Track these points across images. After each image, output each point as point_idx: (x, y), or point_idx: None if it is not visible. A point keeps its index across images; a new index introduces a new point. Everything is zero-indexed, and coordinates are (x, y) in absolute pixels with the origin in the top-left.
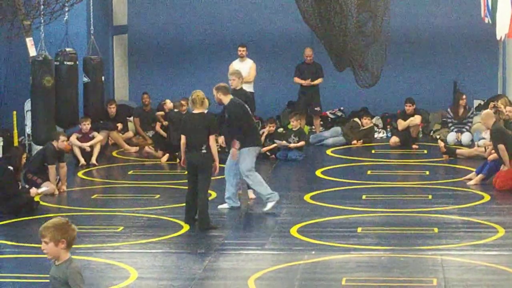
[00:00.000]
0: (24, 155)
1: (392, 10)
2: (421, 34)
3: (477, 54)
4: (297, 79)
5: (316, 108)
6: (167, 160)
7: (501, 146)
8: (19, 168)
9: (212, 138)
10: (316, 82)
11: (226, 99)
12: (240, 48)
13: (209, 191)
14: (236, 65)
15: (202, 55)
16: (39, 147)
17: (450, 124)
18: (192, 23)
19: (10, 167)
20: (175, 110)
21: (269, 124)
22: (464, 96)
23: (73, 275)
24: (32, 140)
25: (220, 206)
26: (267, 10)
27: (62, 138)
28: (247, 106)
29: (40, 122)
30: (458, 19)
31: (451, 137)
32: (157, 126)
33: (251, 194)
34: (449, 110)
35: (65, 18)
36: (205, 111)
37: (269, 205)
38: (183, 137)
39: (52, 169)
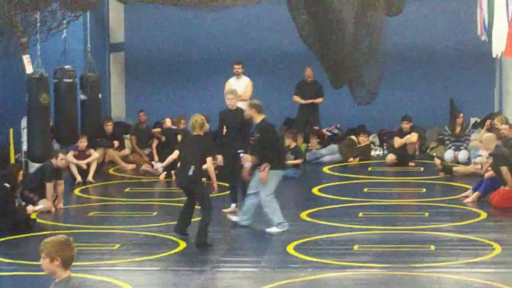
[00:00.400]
0: (21, 172)
1: (389, 28)
2: (417, 52)
3: (474, 71)
4: (296, 98)
5: (314, 127)
6: (165, 178)
7: (504, 169)
8: (15, 186)
9: (208, 160)
10: (317, 101)
11: (259, 118)
12: (235, 66)
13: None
14: (232, 82)
15: (199, 73)
16: (36, 165)
17: (447, 142)
18: (189, 40)
19: (7, 184)
20: (172, 127)
21: None
22: (461, 114)
23: None
24: (28, 158)
25: (267, 230)
26: (264, 28)
27: (61, 156)
28: (276, 130)
29: (36, 139)
30: (454, 36)
31: (449, 155)
32: (154, 145)
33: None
34: (446, 128)
35: (63, 36)
36: (202, 134)
37: (274, 230)
38: (176, 152)
39: (50, 186)
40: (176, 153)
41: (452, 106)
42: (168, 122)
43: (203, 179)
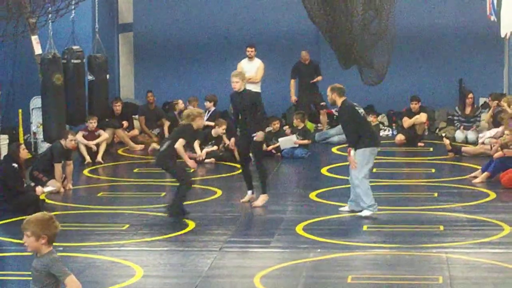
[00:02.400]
0: (22, 148)
1: (398, 8)
2: (426, 32)
3: (483, 51)
4: (292, 85)
5: (322, 104)
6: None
7: None
8: (21, 165)
9: (179, 141)
10: (317, 79)
11: (340, 101)
12: (248, 49)
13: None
14: (244, 65)
15: (208, 54)
16: (46, 145)
17: (457, 123)
18: (198, 21)
19: (15, 165)
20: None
21: (273, 122)
22: (470, 95)
23: (55, 263)
24: (43, 138)
25: (341, 209)
26: (274, 9)
27: (70, 137)
28: (358, 109)
29: (50, 120)
30: (463, 17)
31: (459, 134)
32: (165, 126)
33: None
34: (456, 108)
35: (71, 16)
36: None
37: (367, 213)
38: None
39: (58, 167)
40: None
41: (461, 86)
42: (180, 104)
43: (211, 159)
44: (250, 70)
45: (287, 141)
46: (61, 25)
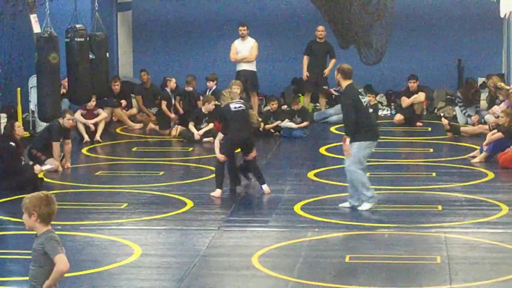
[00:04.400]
0: (17, 125)
1: None
2: (425, 12)
3: (482, 31)
4: (304, 62)
5: (324, 87)
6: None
7: None
8: (19, 143)
9: None
10: (329, 68)
11: (345, 83)
12: (240, 28)
13: None
14: (237, 44)
15: (206, 33)
16: (44, 124)
17: (462, 108)
18: (196, 0)
19: (12, 143)
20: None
21: (271, 102)
22: (476, 84)
23: (49, 242)
24: (38, 117)
25: (341, 205)
26: None
27: (68, 116)
28: (362, 97)
29: (45, 99)
30: None
31: (461, 117)
32: (163, 105)
33: (266, 189)
34: (458, 93)
35: None
36: None
37: (366, 206)
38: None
39: (56, 146)
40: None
41: (460, 66)
42: (173, 82)
43: (210, 138)
44: (244, 49)
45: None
46: (60, 3)
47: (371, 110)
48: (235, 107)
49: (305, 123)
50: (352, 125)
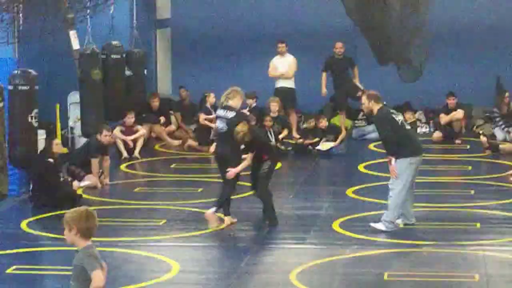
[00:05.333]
0: (55, 143)
1: (435, 4)
2: (464, 28)
3: None
4: (323, 78)
5: (358, 95)
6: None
7: None
8: (56, 160)
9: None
10: (357, 76)
11: (376, 108)
12: (279, 45)
13: None
14: (276, 61)
15: (244, 49)
16: (83, 140)
17: (498, 120)
18: (235, 17)
19: (50, 160)
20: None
21: (309, 120)
22: (507, 94)
23: (87, 257)
24: (81, 133)
25: (372, 224)
26: (310, 4)
27: (105, 132)
28: (395, 116)
29: (89, 115)
30: (502, 13)
31: (499, 133)
32: (201, 118)
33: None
34: (494, 108)
35: (111, 11)
36: None
37: (380, 226)
38: None
39: (95, 162)
40: None
41: (499, 83)
42: (212, 97)
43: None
44: (283, 65)
45: (325, 146)
46: (99, 20)
47: (408, 127)
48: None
49: (341, 136)
50: (393, 144)
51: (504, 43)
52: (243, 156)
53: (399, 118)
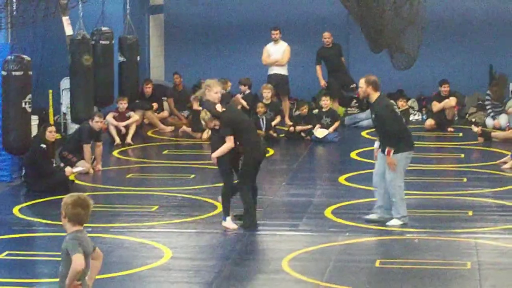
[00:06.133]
0: (49, 130)
1: None
2: (457, 17)
3: None
4: (318, 71)
5: (352, 86)
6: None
7: None
8: (49, 145)
9: None
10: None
11: (375, 95)
12: (273, 32)
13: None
14: (270, 48)
15: (238, 36)
16: (75, 126)
17: (488, 107)
18: (229, 3)
19: (43, 145)
20: None
21: (302, 107)
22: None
23: (70, 241)
24: (70, 119)
25: (367, 216)
26: None
27: (97, 118)
28: (395, 106)
29: (79, 101)
30: (495, 2)
31: (490, 121)
32: (195, 105)
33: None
34: (489, 92)
35: None
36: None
37: (396, 222)
38: None
39: (87, 148)
40: None
41: (491, 72)
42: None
43: None
44: (276, 53)
45: (321, 133)
46: (92, 6)
47: (403, 120)
48: None
49: (336, 124)
50: (395, 135)
51: (497, 31)
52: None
53: (398, 110)
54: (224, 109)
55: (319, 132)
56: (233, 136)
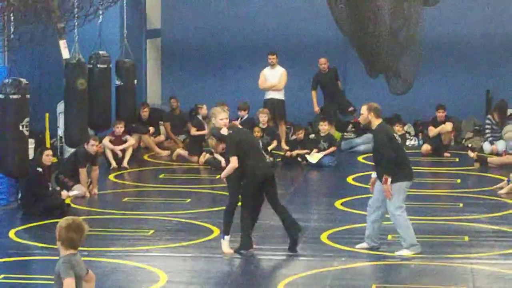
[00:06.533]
0: (45, 154)
1: (426, 17)
2: (454, 42)
3: (511, 62)
4: (313, 96)
5: (350, 109)
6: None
7: None
8: (45, 169)
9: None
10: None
11: (376, 122)
12: (270, 56)
13: None
14: (266, 72)
15: (234, 61)
16: (71, 150)
17: (488, 131)
18: (226, 28)
19: (39, 169)
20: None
21: (298, 131)
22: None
23: (62, 265)
24: (64, 143)
25: (358, 246)
26: (300, 16)
27: (92, 142)
28: (395, 134)
29: (73, 124)
30: (492, 27)
31: (487, 146)
32: (193, 130)
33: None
34: (490, 116)
35: (99, 21)
36: None
37: (405, 252)
38: None
39: (83, 172)
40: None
41: (488, 97)
42: (204, 109)
43: None
44: (273, 77)
45: (315, 157)
46: (89, 30)
47: (403, 149)
48: None
49: (332, 148)
50: (392, 163)
51: (494, 57)
52: None
53: (398, 137)
54: (231, 131)
55: (314, 157)
56: (239, 156)
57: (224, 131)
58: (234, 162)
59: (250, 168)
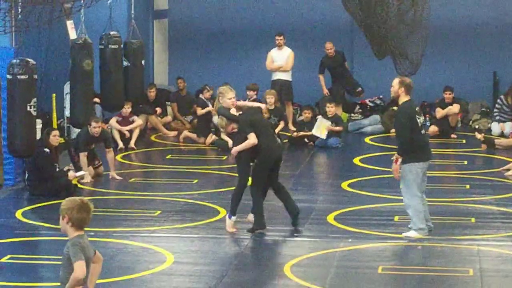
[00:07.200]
0: (52, 134)
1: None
2: (462, 24)
3: None
4: (321, 80)
5: (358, 90)
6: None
7: None
8: (53, 150)
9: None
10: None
11: (404, 99)
12: (277, 37)
13: None
14: (274, 53)
15: (242, 42)
16: (78, 130)
17: (496, 112)
18: (233, 9)
19: (46, 150)
20: None
21: (305, 111)
22: None
23: (73, 247)
24: (70, 124)
25: (404, 234)
26: None
27: (93, 124)
28: (418, 116)
29: (78, 105)
30: (499, 8)
31: (495, 126)
32: (199, 110)
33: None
34: (503, 97)
35: (109, 1)
36: None
37: (413, 233)
38: None
39: (82, 156)
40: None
41: (495, 79)
42: (209, 94)
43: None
44: (280, 58)
45: (320, 126)
46: (97, 11)
47: (423, 131)
48: None
49: (339, 127)
50: (405, 144)
51: (502, 38)
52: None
53: (420, 119)
54: (240, 112)
55: (322, 128)
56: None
57: (233, 111)
58: (253, 138)
59: (264, 148)
